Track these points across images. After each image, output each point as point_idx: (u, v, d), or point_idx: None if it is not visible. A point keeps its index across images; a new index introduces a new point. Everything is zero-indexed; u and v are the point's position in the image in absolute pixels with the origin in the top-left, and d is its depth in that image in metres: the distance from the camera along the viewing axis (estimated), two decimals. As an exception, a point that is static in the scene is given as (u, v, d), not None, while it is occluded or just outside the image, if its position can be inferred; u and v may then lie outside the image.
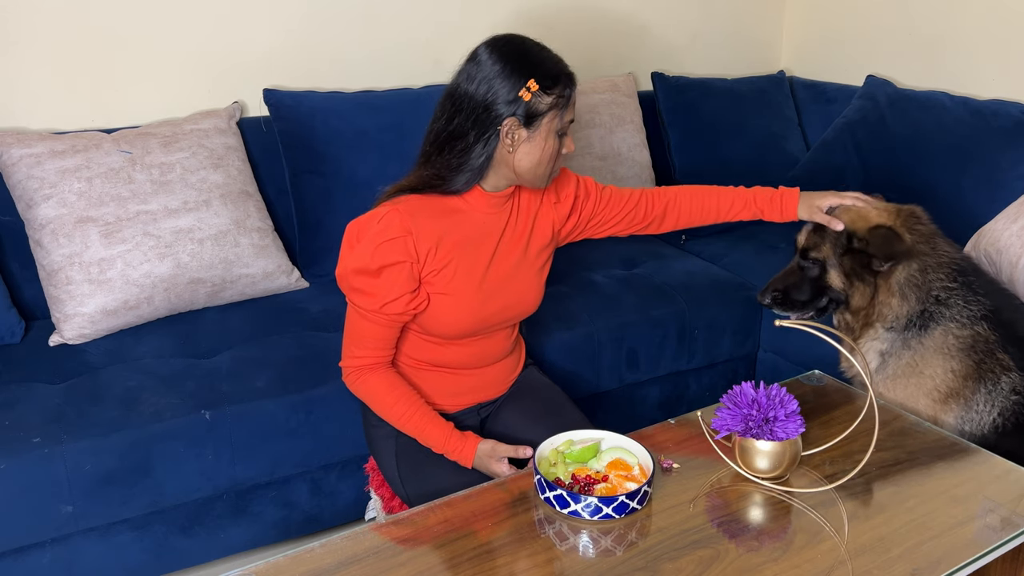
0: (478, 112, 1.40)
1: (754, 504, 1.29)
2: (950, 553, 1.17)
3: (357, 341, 1.51)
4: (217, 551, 1.85)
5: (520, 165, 1.45)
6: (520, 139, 1.42)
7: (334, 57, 2.48)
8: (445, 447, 1.49)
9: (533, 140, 1.43)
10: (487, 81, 1.40)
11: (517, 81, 1.39)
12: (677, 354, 2.27)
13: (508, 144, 1.43)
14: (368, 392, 1.52)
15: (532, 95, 1.39)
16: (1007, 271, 2.13)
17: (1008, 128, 2.37)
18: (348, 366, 1.54)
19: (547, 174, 1.49)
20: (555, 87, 1.41)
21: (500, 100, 1.39)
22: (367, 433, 1.65)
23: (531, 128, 1.42)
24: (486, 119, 1.41)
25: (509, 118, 1.40)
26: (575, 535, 1.21)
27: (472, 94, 1.41)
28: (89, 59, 2.18)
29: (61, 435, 1.61)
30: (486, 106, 1.40)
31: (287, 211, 2.33)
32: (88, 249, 1.91)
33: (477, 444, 1.48)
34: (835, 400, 1.58)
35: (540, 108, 1.40)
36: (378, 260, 1.42)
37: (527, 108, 1.40)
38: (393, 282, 1.43)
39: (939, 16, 2.76)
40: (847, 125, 2.73)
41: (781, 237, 2.68)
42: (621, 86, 2.75)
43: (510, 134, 1.41)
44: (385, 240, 1.41)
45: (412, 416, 1.50)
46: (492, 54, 1.41)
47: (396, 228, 1.42)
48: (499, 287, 1.54)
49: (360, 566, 1.14)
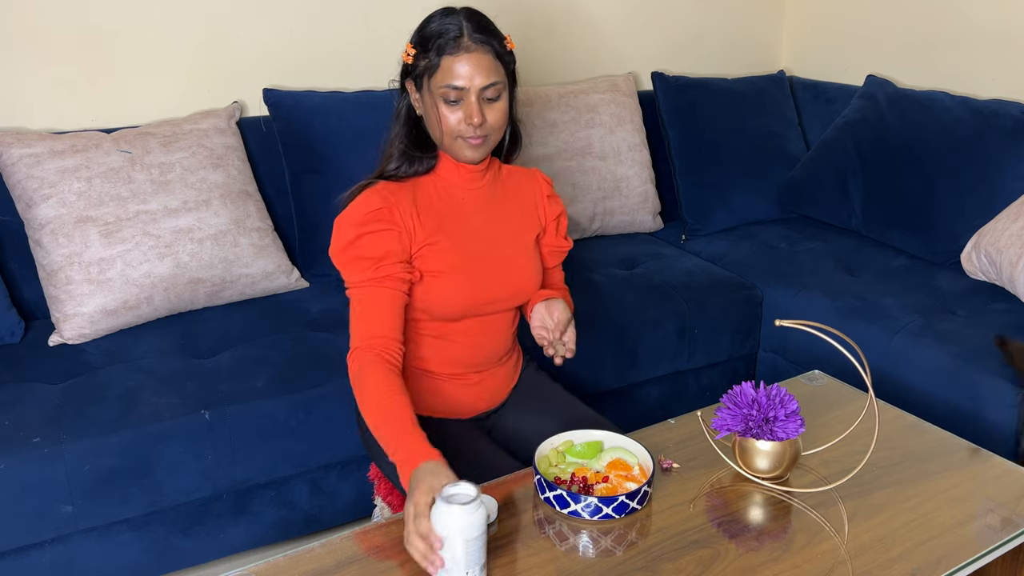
0: (400, 85, 1.49)
1: (754, 504, 1.29)
2: (950, 553, 1.17)
3: (368, 320, 1.42)
4: (217, 551, 1.85)
5: (432, 130, 1.48)
6: (418, 103, 1.47)
7: (334, 57, 2.48)
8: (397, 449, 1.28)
9: (426, 104, 1.45)
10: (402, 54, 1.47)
11: (406, 47, 1.46)
12: (677, 354, 2.27)
13: (418, 108, 1.48)
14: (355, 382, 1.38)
15: (412, 57, 1.44)
16: (1007, 271, 2.13)
17: (1008, 128, 2.37)
18: (353, 350, 1.41)
19: (449, 142, 1.45)
20: (428, 51, 1.42)
21: (402, 68, 1.47)
22: (365, 436, 1.62)
23: (421, 91, 1.46)
24: (400, 89, 1.49)
25: (408, 81, 1.47)
26: (575, 535, 1.21)
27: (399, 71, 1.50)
28: (89, 59, 2.18)
29: (61, 435, 1.61)
30: (400, 77, 1.49)
31: (287, 211, 2.33)
32: (88, 249, 1.91)
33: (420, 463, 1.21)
34: (835, 400, 1.58)
35: (418, 70, 1.44)
36: (366, 227, 1.42)
37: (411, 72, 1.45)
38: (384, 243, 1.43)
39: (939, 16, 2.76)
40: (847, 125, 2.73)
41: (781, 237, 2.69)
42: (621, 86, 2.75)
43: (413, 98, 1.48)
44: (369, 211, 1.43)
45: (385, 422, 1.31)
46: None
47: (377, 201, 1.44)
48: (495, 262, 1.53)
49: (360, 566, 1.14)
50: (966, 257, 2.30)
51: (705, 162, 2.78)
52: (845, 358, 1.67)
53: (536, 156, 2.52)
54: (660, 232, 2.79)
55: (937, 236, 2.41)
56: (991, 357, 1.89)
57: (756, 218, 2.83)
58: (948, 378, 1.93)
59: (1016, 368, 1.82)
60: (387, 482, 1.64)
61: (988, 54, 2.64)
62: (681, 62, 3.09)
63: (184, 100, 2.30)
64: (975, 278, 2.30)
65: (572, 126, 2.58)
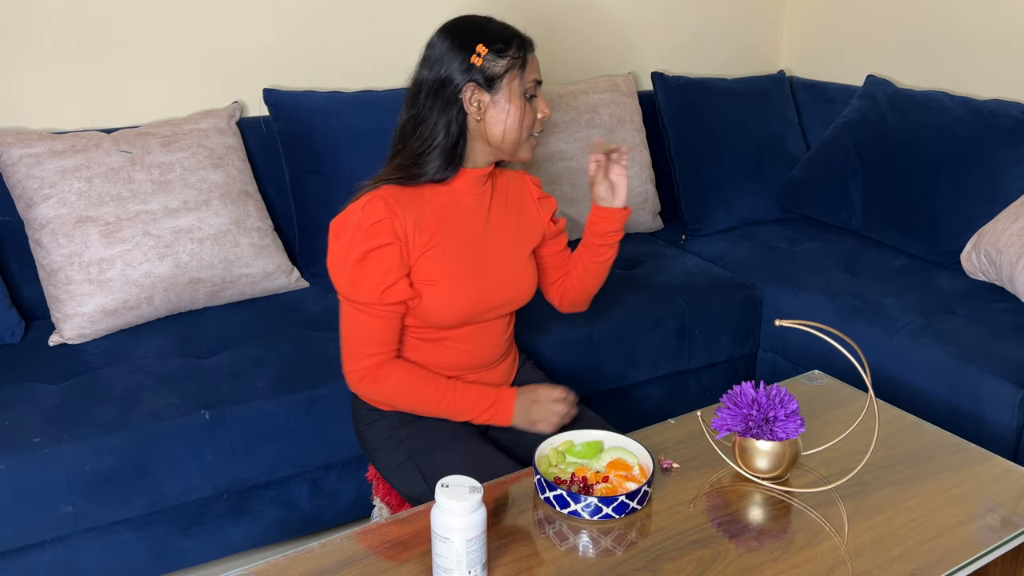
0: (436, 89, 1.44)
1: (754, 504, 1.29)
2: (950, 553, 1.17)
3: (363, 340, 1.47)
4: (217, 551, 1.85)
5: (493, 133, 1.46)
6: (485, 105, 1.44)
7: (334, 57, 2.48)
8: (479, 411, 1.48)
9: (498, 104, 1.44)
10: (439, 60, 1.44)
11: (468, 50, 1.42)
12: (677, 354, 2.27)
13: (475, 112, 1.44)
14: (392, 386, 1.48)
15: (483, 59, 1.42)
16: (1007, 271, 2.13)
17: (1008, 128, 2.37)
18: (360, 367, 1.47)
19: (523, 139, 1.49)
20: (508, 49, 1.43)
21: (455, 72, 1.43)
22: (362, 436, 1.62)
23: (493, 91, 1.44)
24: (445, 93, 1.43)
25: (468, 84, 1.43)
26: (575, 535, 1.21)
27: (428, 77, 1.45)
28: (89, 59, 2.18)
29: (61, 435, 1.61)
30: (443, 81, 1.43)
31: (287, 211, 2.33)
32: (88, 249, 1.91)
33: (513, 398, 1.48)
34: (835, 400, 1.58)
35: (496, 70, 1.43)
36: (367, 243, 1.41)
37: (483, 73, 1.42)
38: (386, 266, 1.42)
39: (939, 16, 2.76)
40: (847, 125, 2.73)
41: (781, 237, 2.69)
42: (621, 86, 2.75)
43: (473, 101, 1.43)
44: (372, 223, 1.41)
45: (445, 392, 1.48)
46: (441, 35, 1.46)
47: (380, 211, 1.42)
48: (492, 269, 1.53)
49: (360, 566, 1.14)
50: (966, 257, 2.30)
51: (705, 162, 2.78)
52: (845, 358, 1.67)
53: (536, 156, 2.52)
54: (660, 232, 2.79)
55: (937, 236, 2.41)
56: (991, 357, 1.89)
57: (756, 218, 2.83)
58: (948, 378, 1.93)
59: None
60: (385, 482, 1.64)
61: (988, 54, 2.64)
62: (681, 62, 3.09)
63: (184, 100, 2.30)
64: (975, 278, 2.30)
65: (572, 126, 2.59)
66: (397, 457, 1.54)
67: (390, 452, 1.55)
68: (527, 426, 1.50)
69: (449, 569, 1.07)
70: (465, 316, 1.51)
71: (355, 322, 1.46)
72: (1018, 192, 2.29)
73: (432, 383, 1.49)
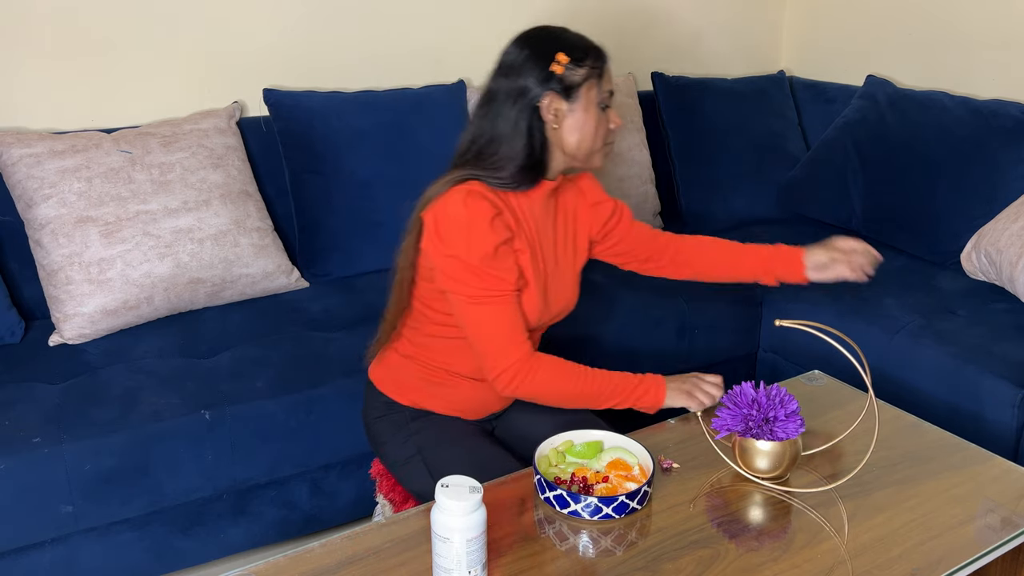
0: (514, 97, 1.43)
1: (754, 504, 1.29)
2: (950, 553, 1.17)
3: (510, 331, 1.41)
4: (217, 551, 1.85)
5: (568, 142, 1.46)
6: (563, 113, 1.44)
7: (334, 57, 2.48)
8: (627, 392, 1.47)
9: (575, 112, 1.44)
10: (517, 69, 1.43)
11: (547, 59, 1.42)
12: (677, 354, 2.27)
13: (552, 120, 1.44)
14: (544, 376, 1.43)
15: (564, 67, 1.42)
16: (1007, 271, 2.13)
17: (1008, 128, 2.37)
18: (514, 360, 1.41)
19: (598, 148, 1.49)
20: (586, 58, 1.44)
21: (534, 80, 1.42)
22: (372, 429, 1.61)
23: (571, 100, 1.43)
24: (523, 101, 1.42)
25: (547, 93, 1.42)
26: (575, 535, 1.21)
27: (506, 87, 1.43)
28: (89, 59, 2.18)
29: (61, 435, 1.61)
30: (521, 90, 1.42)
31: (287, 211, 2.33)
32: (88, 249, 1.91)
33: (664, 382, 1.48)
34: (835, 400, 1.58)
35: (575, 79, 1.43)
36: (494, 239, 1.39)
37: (562, 81, 1.42)
38: (513, 259, 1.42)
39: (939, 16, 2.76)
40: (847, 125, 2.73)
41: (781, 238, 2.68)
42: (621, 86, 2.75)
43: (551, 109, 1.43)
44: (491, 218, 1.39)
45: (594, 377, 1.46)
46: (517, 45, 1.46)
47: (488, 207, 1.40)
48: (553, 281, 1.53)
49: (360, 566, 1.14)
50: (966, 257, 2.30)
51: (705, 162, 2.77)
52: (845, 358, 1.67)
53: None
54: (660, 232, 2.78)
55: (937, 236, 2.41)
56: (991, 357, 1.89)
57: (756, 218, 2.82)
58: (948, 378, 1.93)
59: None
60: (389, 479, 1.64)
61: (988, 54, 2.64)
62: (681, 62, 3.09)
63: (184, 100, 2.30)
64: (975, 278, 2.30)
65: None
66: (406, 451, 1.53)
67: (399, 446, 1.54)
68: (685, 399, 1.48)
69: (449, 569, 1.07)
70: (531, 325, 1.50)
71: (497, 317, 1.42)
72: (1018, 192, 2.29)
73: (577, 368, 1.46)
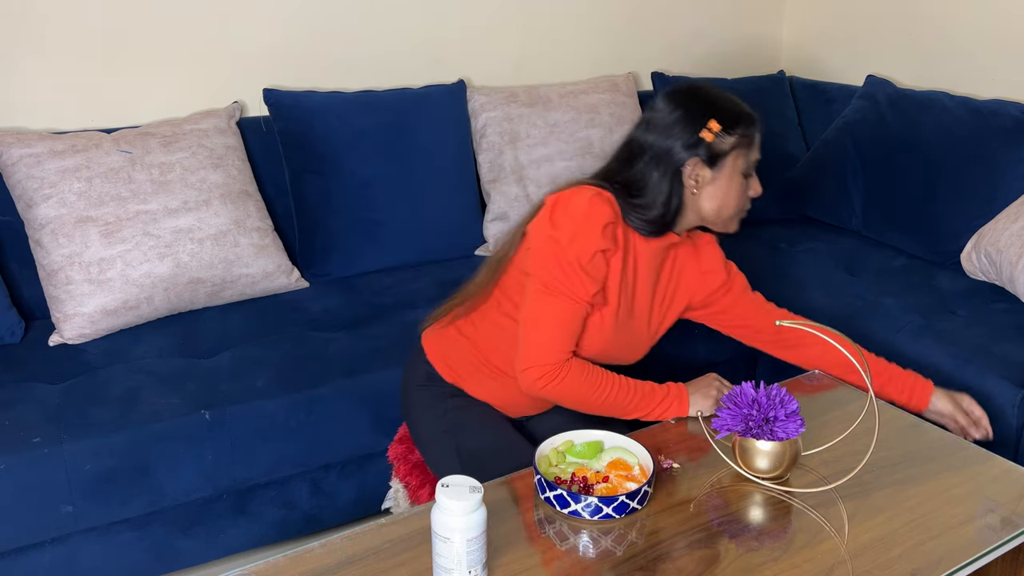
0: (659, 158, 1.42)
1: (754, 504, 1.29)
2: (950, 553, 1.17)
3: (563, 336, 1.40)
4: (217, 551, 1.85)
5: (706, 208, 1.46)
6: (704, 180, 1.44)
7: (334, 57, 2.48)
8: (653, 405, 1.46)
9: (718, 181, 1.44)
10: (666, 128, 1.42)
11: (697, 123, 1.41)
12: (678, 354, 2.26)
13: (692, 186, 1.44)
14: (571, 383, 1.42)
15: (715, 135, 1.41)
16: (1007, 271, 2.13)
17: (1008, 128, 2.37)
18: (551, 364, 1.40)
19: (734, 216, 1.50)
20: (737, 126, 1.43)
21: (681, 144, 1.41)
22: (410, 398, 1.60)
23: (715, 168, 1.43)
24: (666, 163, 1.42)
25: (692, 159, 1.41)
26: (575, 535, 1.21)
27: (652, 142, 1.43)
28: (89, 59, 2.18)
29: (61, 435, 1.61)
30: (667, 151, 1.42)
31: (287, 211, 2.33)
32: (88, 249, 1.91)
33: (686, 391, 1.48)
34: (835, 400, 1.58)
35: (723, 148, 1.42)
36: (599, 243, 1.39)
37: (709, 148, 1.41)
38: (603, 273, 1.42)
39: (939, 16, 2.76)
40: (847, 125, 2.73)
41: (782, 238, 2.69)
42: (621, 86, 2.75)
43: (693, 175, 1.43)
44: (604, 224, 1.39)
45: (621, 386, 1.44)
46: (670, 102, 1.44)
47: (609, 214, 1.40)
48: (627, 327, 1.51)
49: (360, 566, 1.14)
50: (966, 257, 2.30)
51: (705, 162, 2.77)
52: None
53: (536, 156, 2.53)
54: (660, 232, 2.78)
55: (937, 236, 2.41)
56: (991, 357, 1.89)
57: (756, 218, 2.81)
58: (948, 378, 1.93)
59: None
60: (406, 463, 1.64)
61: (988, 54, 2.64)
62: (681, 62, 3.09)
63: (184, 100, 2.30)
64: (975, 278, 2.30)
65: (572, 126, 2.59)
66: (438, 426, 1.54)
67: (434, 420, 1.55)
68: (711, 404, 1.47)
69: (449, 569, 1.07)
70: (593, 356, 1.49)
71: (557, 314, 1.41)
72: (1018, 192, 2.29)
73: (605, 377, 1.44)
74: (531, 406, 1.60)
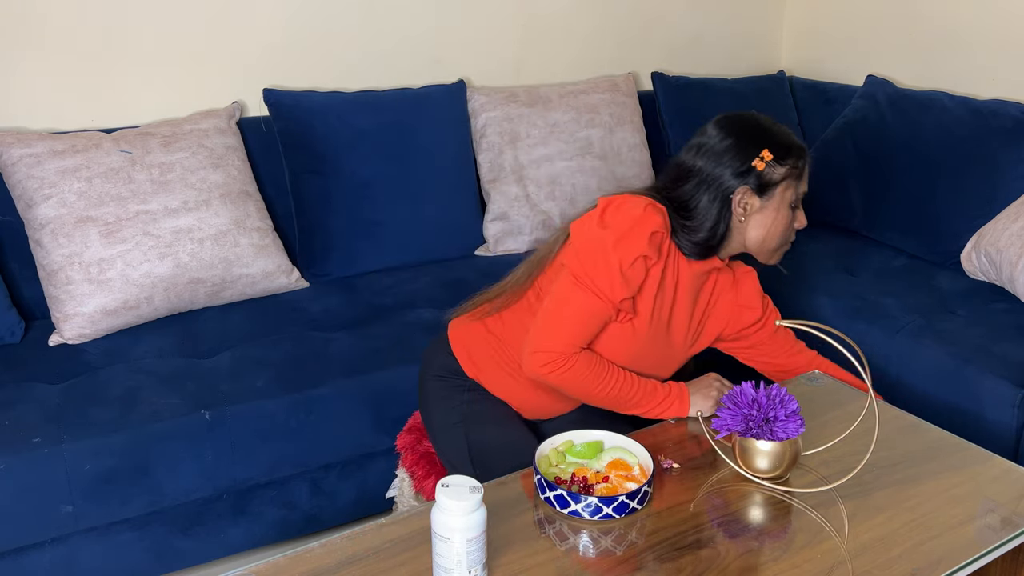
0: (708, 183, 1.43)
1: (754, 504, 1.29)
2: (950, 553, 1.17)
3: (579, 330, 1.41)
4: (217, 551, 1.85)
5: (751, 236, 1.48)
6: (752, 209, 1.45)
7: (334, 57, 2.48)
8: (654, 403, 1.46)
9: (765, 211, 1.45)
10: (717, 154, 1.43)
11: (749, 152, 1.42)
12: (677, 354, 2.26)
13: (740, 214, 1.44)
14: (575, 375, 1.42)
15: (766, 164, 1.42)
16: (1007, 271, 2.13)
17: (1008, 128, 2.37)
18: (558, 353, 1.41)
19: (778, 247, 1.51)
20: (788, 157, 1.44)
21: (731, 172, 1.42)
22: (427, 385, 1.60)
23: (764, 198, 1.44)
24: (715, 189, 1.43)
25: (742, 187, 1.42)
26: (575, 535, 1.21)
27: (700, 166, 1.44)
28: (89, 59, 2.18)
29: (61, 435, 1.61)
30: (716, 177, 1.43)
31: (287, 211, 2.33)
32: (88, 249, 1.91)
33: (687, 391, 1.47)
34: (835, 400, 1.58)
35: (774, 178, 1.43)
36: (643, 249, 1.39)
37: (760, 178, 1.42)
38: (642, 273, 1.41)
39: (939, 16, 2.76)
40: (847, 125, 2.73)
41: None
42: (621, 86, 2.75)
43: (742, 203, 1.44)
44: (652, 232, 1.39)
45: (624, 382, 1.44)
46: (721, 130, 1.45)
47: (659, 223, 1.40)
48: (656, 347, 1.51)
49: (360, 566, 1.14)
50: (966, 257, 2.30)
51: (705, 162, 2.77)
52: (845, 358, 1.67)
53: (536, 156, 2.53)
54: (660, 232, 2.78)
55: (937, 236, 2.41)
56: (991, 357, 1.89)
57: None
58: (948, 378, 1.93)
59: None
60: (414, 453, 1.64)
61: (988, 54, 2.64)
62: (681, 62, 3.09)
63: (184, 100, 2.30)
64: (975, 278, 2.30)
65: (572, 126, 2.59)
66: (452, 417, 1.54)
67: (448, 410, 1.55)
68: (711, 405, 1.47)
69: (449, 569, 1.07)
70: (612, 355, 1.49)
71: (580, 307, 1.41)
72: (1018, 192, 2.29)
73: (609, 371, 1.44)
74: (547, 410, 1.60)
